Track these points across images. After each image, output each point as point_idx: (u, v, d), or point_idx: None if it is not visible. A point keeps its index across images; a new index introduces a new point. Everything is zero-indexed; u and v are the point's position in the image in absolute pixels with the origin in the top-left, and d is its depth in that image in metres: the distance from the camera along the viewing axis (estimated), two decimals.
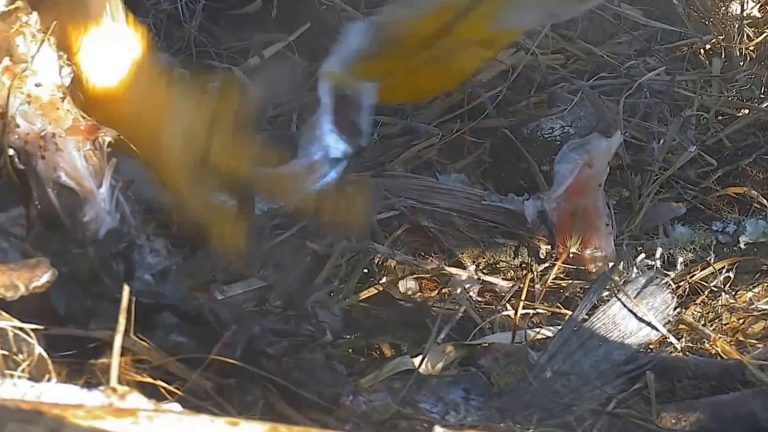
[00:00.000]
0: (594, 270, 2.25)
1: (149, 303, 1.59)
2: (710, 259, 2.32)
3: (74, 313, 1.62)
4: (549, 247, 2.27)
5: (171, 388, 1.49)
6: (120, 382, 1.29)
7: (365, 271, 2.19)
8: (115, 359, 1.24)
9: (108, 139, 1.74)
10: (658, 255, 2.30)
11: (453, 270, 2.21)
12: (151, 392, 1.46)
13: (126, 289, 1.31)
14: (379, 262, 2.22)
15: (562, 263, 2.22)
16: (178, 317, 1.65)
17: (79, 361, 1.49)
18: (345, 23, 2.61)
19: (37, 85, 1.72)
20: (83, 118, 1.75)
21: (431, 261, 2.24)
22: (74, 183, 1.71)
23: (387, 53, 2.12)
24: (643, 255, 2.29)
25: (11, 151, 1.71)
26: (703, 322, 2.13)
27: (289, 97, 2.35)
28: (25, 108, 1.72)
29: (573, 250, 2.25)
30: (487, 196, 2.32)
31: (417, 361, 1.78)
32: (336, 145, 2.16)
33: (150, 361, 1.51)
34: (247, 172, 1.98)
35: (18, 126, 1.71)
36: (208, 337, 1.61)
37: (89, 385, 1.38)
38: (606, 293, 2.01)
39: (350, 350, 1.88)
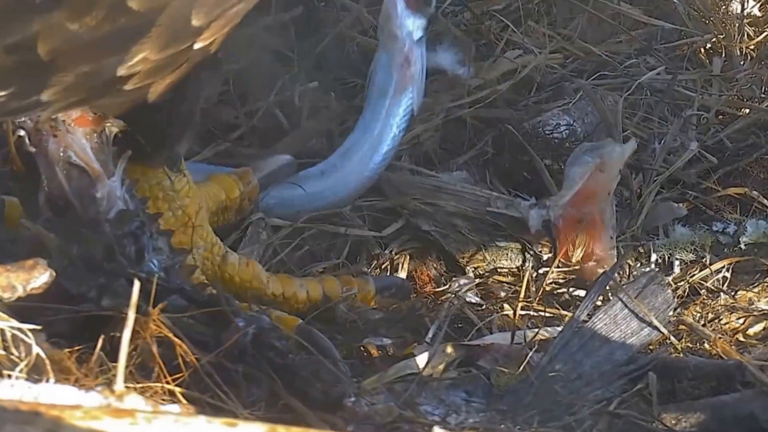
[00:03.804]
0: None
1: (159, 285, 1.59)
2: (709, 260, 2.31)
3: (87, 292, 1.62)
4: (551, 255, 2.26)
5: (189, 355, 1.49)
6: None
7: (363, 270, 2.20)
8: (122, 360, 1.24)
9: (115, 130, 1.74)
10: (657, 256, 2.30)
11: (452, 273, 2.21)
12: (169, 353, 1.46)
13: (137, 283, 1.31)
14: (376, 262, 2.23)
15: (563, 270, 2.22)
16: (187, 300, 1.65)
17: (89, 345, 1.49)
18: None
19: None
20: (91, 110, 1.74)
21: (431, 264, 2.24)
22: (84, 164, 1.71)
23: None
24: (643, 255, 2.29)
25: (22, 132, 1.70)
26: (703, 323, 2.13)
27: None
28: None
29: (575, 259, 2.25)
30: (492, 201, 2.30)
31: (421, 363, 1.77)
32: (414, 25, 2.35)
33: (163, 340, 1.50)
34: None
35: None
36: (217, 322, 1.61)
37: (99, 368, 1.38)
38: (607, 293, 2.01)
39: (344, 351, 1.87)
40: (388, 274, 2.21)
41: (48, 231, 1.68)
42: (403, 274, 2.21)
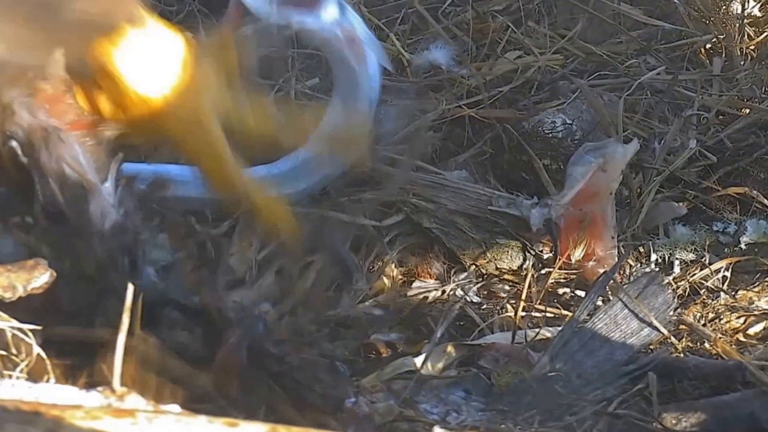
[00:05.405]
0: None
1: (153, 298, 1.59)
2: (709, 260, 2.31)
3: (79, 308, 1.62)
4: (552, 254, 2.26)
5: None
6: (123, 381, 1.29)
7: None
8: (118, 360, 1.24)
9: (108, 134, 1.74)
10: (657, 256, 2.30)
11: (453, 270, 2.20)
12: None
13: (130, 287, 1.31)
14: (377, 262, 2.23)
15: (564, 269, 2.22)
16: (181, 312, 1.65)
17: (81, 361, 1.49)
18: None
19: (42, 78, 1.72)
20: (86, 113, 1.74)
21: (431, 261, 2.24)
22: (77, 175, 1.71)
23: None
24: (643, 255, 2.29)
25: (14, 143, 1.70)
26: (703, 323, 2.13)
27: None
28: (28, 99, 1.71)
29: (576, 259, 2.25)
30: (494, 200, 2.30)
31: (418, 361, 1.77)
32: (327, 15, 2.11)
33: (154, 360, 1.50)
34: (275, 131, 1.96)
35: (14, 113, 1.70)
36: (212, 334, 1.61)
37: (91, 384, 1.38)
38: (607, 293, 2.01)
39: (346, 351, 1.87)
40: (390, 271, 2.21)
41: (42, 242, 1.69)
42: (404, 270, 2.21)
